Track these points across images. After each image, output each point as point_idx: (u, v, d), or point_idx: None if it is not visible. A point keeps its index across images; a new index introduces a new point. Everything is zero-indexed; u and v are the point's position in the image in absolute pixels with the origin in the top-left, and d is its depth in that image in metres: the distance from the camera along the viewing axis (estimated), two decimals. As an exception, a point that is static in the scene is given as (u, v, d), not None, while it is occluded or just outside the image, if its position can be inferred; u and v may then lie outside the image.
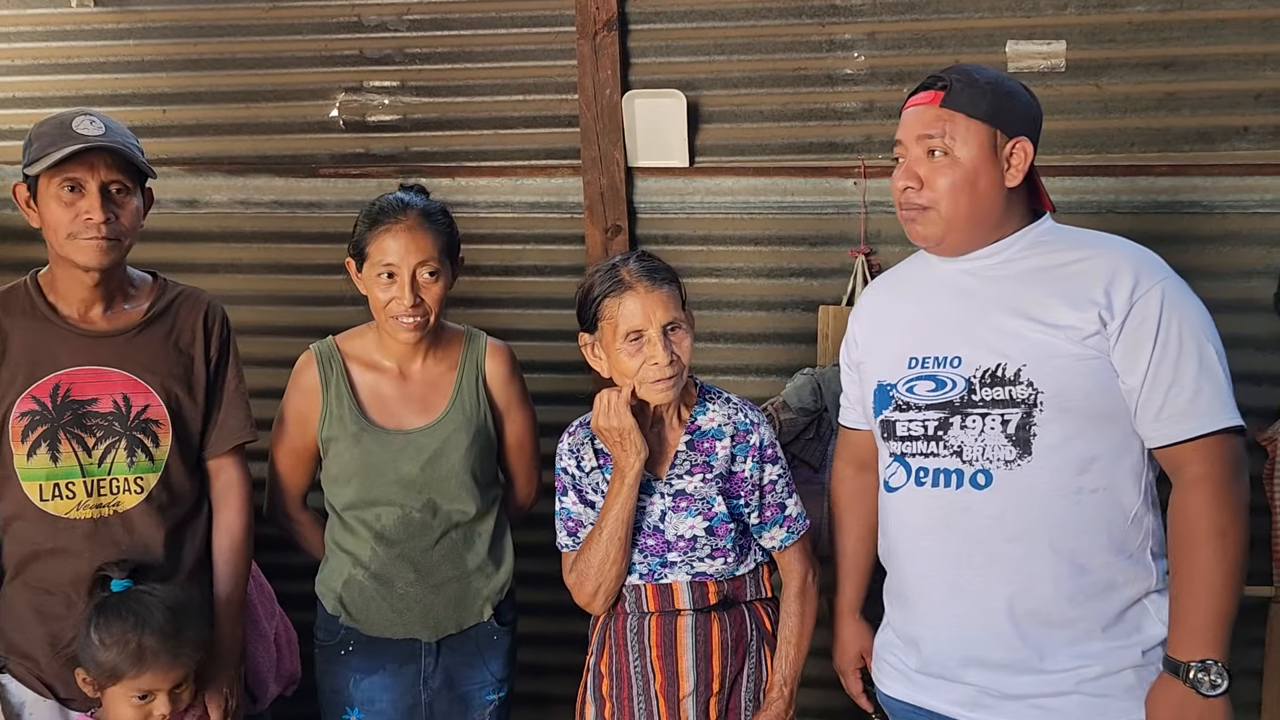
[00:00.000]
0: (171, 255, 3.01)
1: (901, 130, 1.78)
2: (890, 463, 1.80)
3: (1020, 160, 1.72)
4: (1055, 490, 1.65)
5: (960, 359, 1.71)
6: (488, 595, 2.15)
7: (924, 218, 1.74)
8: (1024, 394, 1.65)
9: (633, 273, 1.83)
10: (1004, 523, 1.67)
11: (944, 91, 1.72)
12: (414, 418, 2.11)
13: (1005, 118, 1.71)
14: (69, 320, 1.93)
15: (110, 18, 2.99)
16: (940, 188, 1.71)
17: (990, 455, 1.67)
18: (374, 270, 2.04)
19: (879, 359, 1.84)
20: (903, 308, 1.84)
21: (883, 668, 1.90)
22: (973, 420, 1.68)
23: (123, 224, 1.89)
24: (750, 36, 2.78)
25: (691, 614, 1.88)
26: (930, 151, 1.72)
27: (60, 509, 1.90)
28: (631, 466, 1.83)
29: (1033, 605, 1.67)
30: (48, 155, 1.82)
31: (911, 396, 1.75)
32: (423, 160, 2.96)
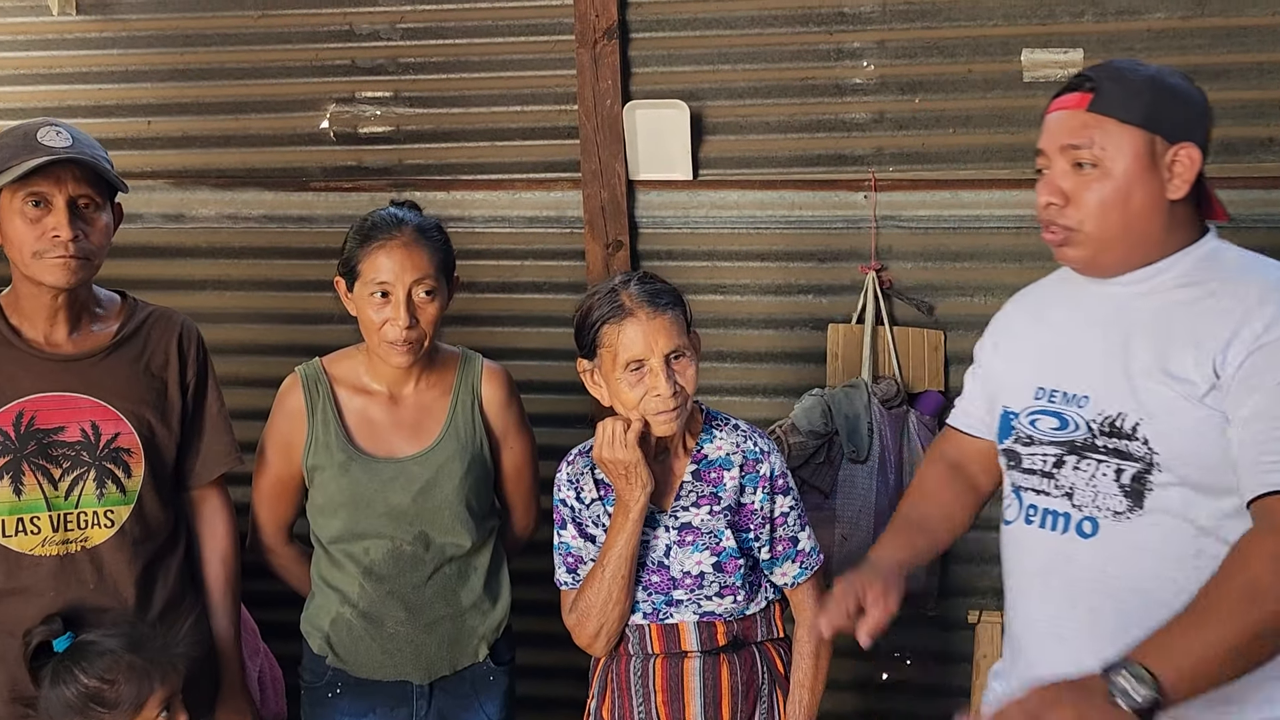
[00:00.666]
0: (157, 271, 2.94)
1: (1044, 138, 1.59)
2: (1009, 494, 1.67)
3: (1185, 169, 1.52)
4: (1168, 551, 1.50)
5: (1088, 398, 1.56)
6: (483, 634, 2.05)
7: (1070, 239, 1.55)
8: (1139, 451, 1.50)
9: (633, 297, 1.73)
10: (1107, 576, 1.53)
11: (1092, 93, 1.53)
12: (405, 445, 2.01)
13: (1165, 121, 1.51)
14: (33, 344, 1.84)
15: (93, 26, 2.92)
16: (1088, 205, 1.52)
17: (1100, 503, 1.54)
18: (366, 289, 1.94)
19: (1008, 382, 1.69)
20: (1040, 328, 1.69)
21: (990, 698, 1.75)
22: (1088, 463, 1.54)
23: (92, 242, 1.80)
24: (755, 45, 2.70)
25: (699, 656, 1.79)
26: (1077, 164, 1.53)
27: (24, 545, 1.81)
28: (636, 501, 1.73)
29: None
30: (10, 168, 1.73)
31: (1034, 431, 1.62)
32: (417, 173, 2.88)
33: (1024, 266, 2.65)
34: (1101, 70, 1.57)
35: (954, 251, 2.67)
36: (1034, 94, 2.61)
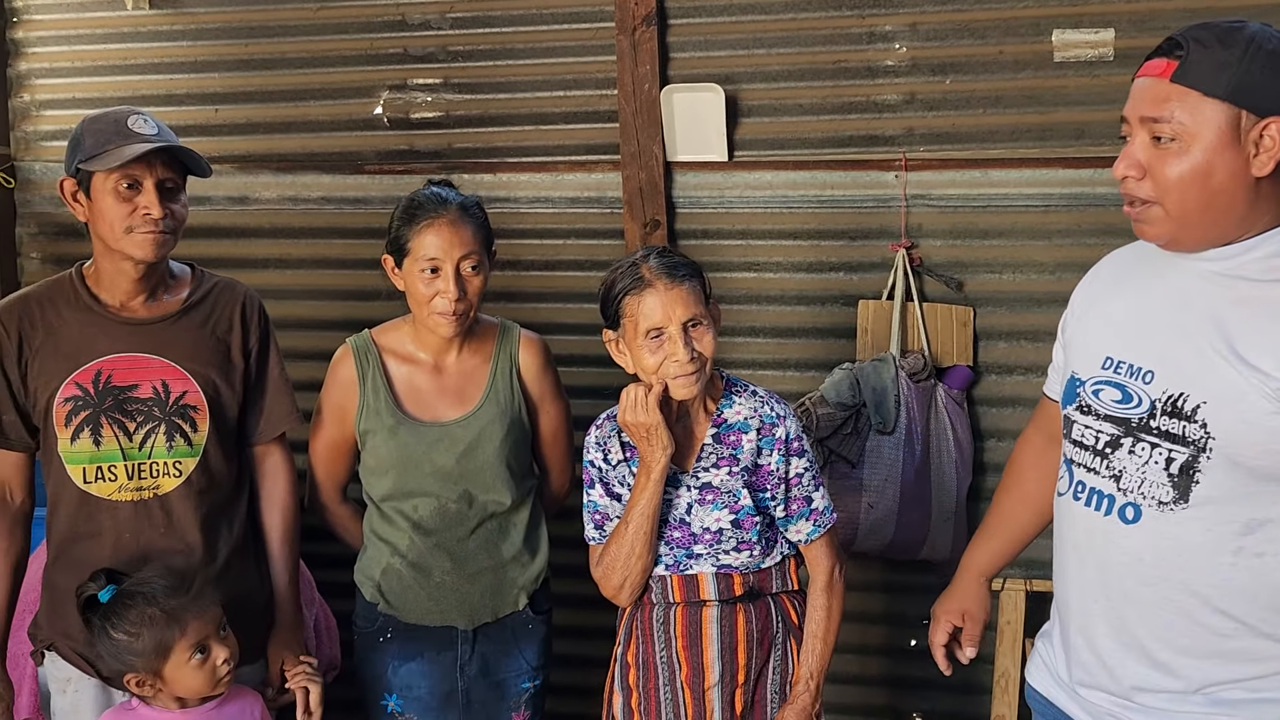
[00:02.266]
0: (223, 250, 3.08)
1: (1128, 106, 1.51)
2: (1062, 464, 1.67)
3: (1273, 144, 1.42)
4: (1210, 545, 1.48)
5: (1153, 374, 1.52)
6: (523, 585, 2.18)
7: (1148, 214, 1.49)
8: (1195, 434, 1.46)
9: (653, 270, 1.83)
10: (1143, 564, 1.53)
11: (1178, 61, 1.44)
12: (449, 410, 2.14)
13: (1255, 93, 1.41)
14: (110, 309, 2.00)
15: (165, 20, 3.08)
16: (1167, 179, 1.45)
17: (1146, 491, 1.51)
18: (416, 266, 2.06)
19: (1080, 346, 1.66)
20: (1115, 298, 1.64)
21: (1035, 659, 1.80)
22: (1142, 448, 1.52)
23: (176, 219, 1.96)
24: (789, 30, 2.77)
25: (717, 605, 1.89)
26: (1156, 136, 1.46)
27: (103, 491, 1.97)
28: (658, 462, 1.83)
29: (1162, 655, 1.54)
30: (107, 152, 1.88)
31: (1095, 401, 1.58)
32: (465, 156, 2.99)
33: (1052, 244, 2.70)
34: (1193, 34, 1.47)
35: (983, 229, 2.72)
36: (1064, 74, 2.65)
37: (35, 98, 3.20)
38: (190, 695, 1.90)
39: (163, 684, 1.88)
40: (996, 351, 2.75)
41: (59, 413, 1.95)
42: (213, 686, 1.89)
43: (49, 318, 1.98)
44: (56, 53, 3.17)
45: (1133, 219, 1.54)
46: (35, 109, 3.21)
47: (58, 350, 1.96)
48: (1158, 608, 1.53)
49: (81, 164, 1.91)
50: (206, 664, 1.87)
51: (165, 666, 1.86)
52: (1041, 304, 2.70)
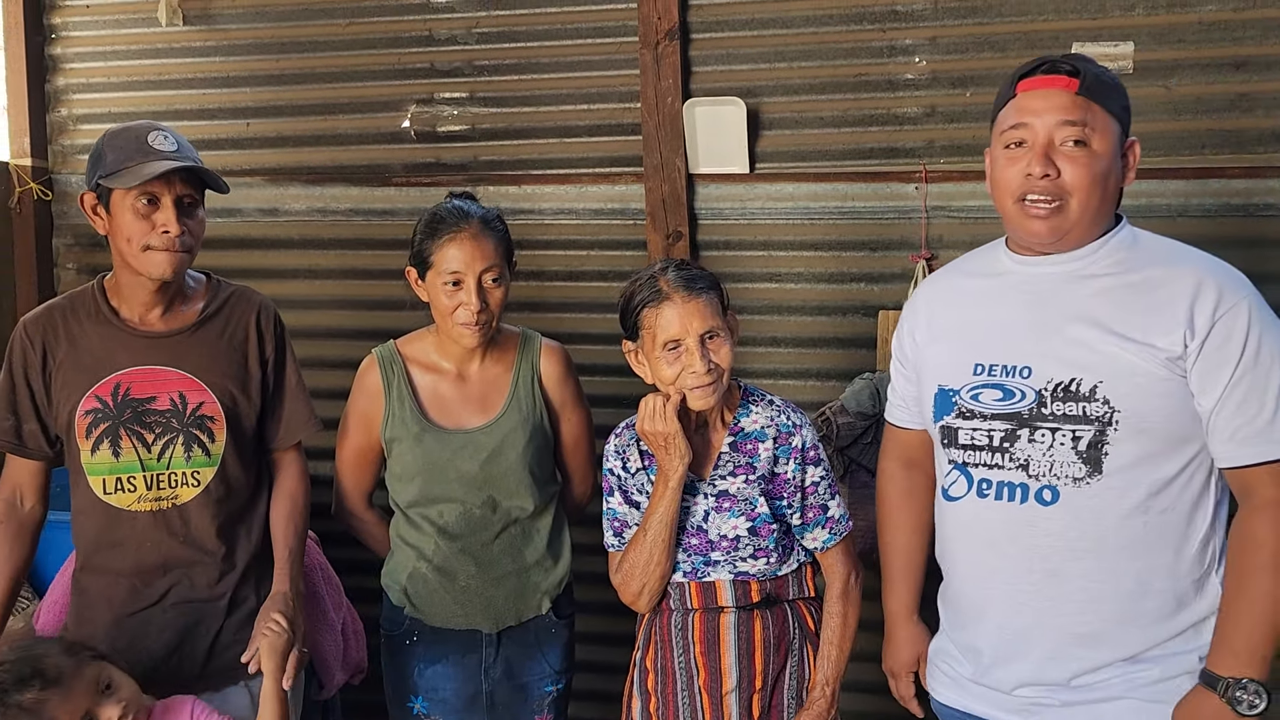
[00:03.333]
0: (253, 261, 3.15)
1: (1026, 113, 1.63)
2: (950, 471, 1.74)
3: (1134, 160, 1.67)
4: (1123, 510, 1.61)
5: (1030, 369, 1.65)
6: (546, 589, 2.21)
7: (1058, 213, 1.62)
8: (1099, 411, 1.59)
9: (670, 282, 1.86)
10: (1068, 540, 1.63)
11: (1078, 79, 1.61)
12: (473, 417, 2.18)
13: (1125, 116, 1.65)
14: (129, 323, 2.03)
15: (198, 36, 3.15)
16: (1079, 181, 1.60)
17: (1059, 472, 1.62)
18: (440, 278, 2.10)
19: (940, 362, 1.77)
20: (967, 308, 1.76)
21: (935, 674, 1.88)
22: (1042, 435, 1.62)
23: (193, 235, 1.98)
24: (810, 43, 2.80)
25: (734, 611, 1.91)
26: (1074, 140, 1.60)
27: (122, 502, 2.00)
28: (675, 470, 1.86)
29: (1093, 626, 1.64)
30: (127, 170, 1.91)
31: (976, 404, 1.69)
32: (491, 169, 3.04)
33: None
34: (1077, 59, 1.66)
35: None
36: (1084, 87, 2.66)
37: (72, 112, 3.28)
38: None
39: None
40: (1016, 362, 2.76)
41: (80, 425, 1.98)
42: None
43: (72, 330, 2.01)
44: (93, 68, 3.25)
45: (1028, 216, 1.64)
46: (72, 123, 3.29)
47: (79, 363, 2.00)
48: (1084, 580, 1.63)
49: (102, 179, 1.94)
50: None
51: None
52: (1061, 315, 2.71)
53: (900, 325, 1.91)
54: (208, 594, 2.04)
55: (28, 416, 2.02)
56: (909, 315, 1.89)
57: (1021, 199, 1.65)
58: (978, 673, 1.76)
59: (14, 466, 2.05)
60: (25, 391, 2.01)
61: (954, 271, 1.87)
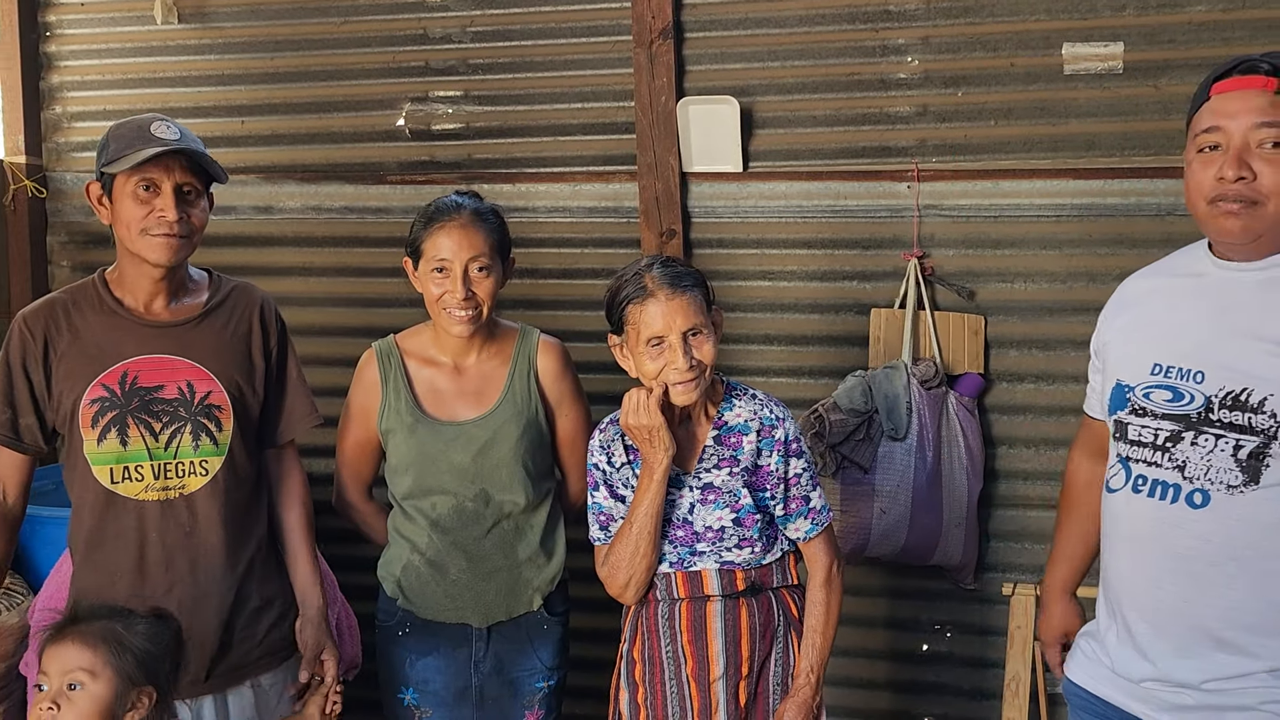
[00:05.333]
0: (247, 259, 3.15)
1: (1219, 115, 1.60)
2: (1115, 463, 1.75)
3: None
4: (1274, 522, 1.57)
5: (1203, 374, 1.62)
6: (538, 585, 2.22)
7: (1251, 212, 1.57)
8: (1265, 424, 1.56)
9: (655, 279, 1.88)
10: (1212, 546, 1.60)
11: (1276, 77, 1.56)
12: (467, 410, 2.20)
13: None
14: (134, 312, 2.04)
15: (193, 34, 3.16)
16: (1275, 183, 1.56)
17: (1214, 477, 1.60)
18: (428, 266, 2.13)
19: (1123, 357, 1.76)
20: (1158, 308, 1.75)
21: (1075, 654, 1.87)
22: (1205, 439, 1.61)
23: (193, 222, 2.00)
24: (804, 43, 2.82)
25: (720, 599, 1.93)
26: (1273, 143, 1.56)
27: (130, 491, 2.00)
28: (660, 463, 1.88)
29: (1229, 633, 1.61)
30: (126, 156, 1.93)
31: (1148, 403, 1.68)
32: (485, 167, 3.05)
33: (1062, 254, 2.73)
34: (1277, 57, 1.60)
35: (994, 239, 2.75)
36: (1075, 86, 2.68)
37: (67, 110, 3.29)
38: None
39: None
40: (1007, 360, 2.78)
41: (85, 414, 1.99)
42: None
43: (74, 321, 2.02)
44: (87, 66, 3.26)
45: (1221, 215, 1.60)
46: (66, 121, 3.30)
47: (84, 353, 2.00)
48: (1225, 588, 1.60)
49: (104, 167, 1.96)
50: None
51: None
52: (1052, 313, 2.73)
53: (1101, 319, 1.88)
54: (211, 591, 2.03)
55: (25, 410, 2.02)
56: (1109, 310, 1.87)
57: (1214, 201, 1.61)
58: (1111, 661, 1.75)
59: (1, 460, 2.05)
60: (24, 384, 2.01)
61: (1157, 269, 1.84)
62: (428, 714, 2.22)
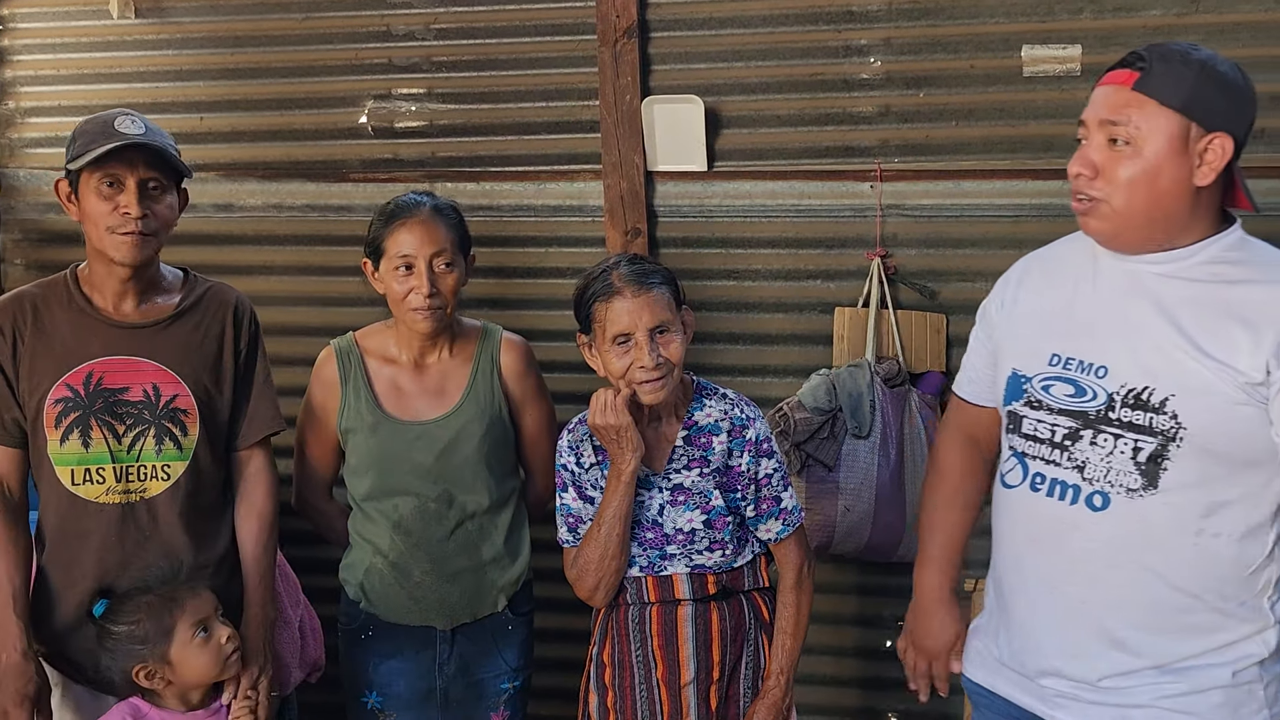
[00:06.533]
0: (207, 258, 3.10)
1: (1087, 110, 1.61)
2: (1010, 458, 1.72)
3: (1215, 158, 1.54)
4: (1173, 528, 1.57)
5: (1106, 369, 1.60)
6: (502, 586, 2.22)
7: (1095, 210, 1.59)
8: (1165, 425, 1.54)
9: (622, 276, 1.88)
10: (1111, 548, 1.60)
11: (1140, 73, 1.55)
12: (429, 409, 2.18)
13: (1205, 108, 1.53)
14: (103, 312, 2.02)
15: (150, 29, 3.11)
16: (1117, 180, 1.55)
17: (1113, 479, 1.59)
18: (391, 264, 2.12)
19: (1019, 344, 1.72)
20: (1056, 294, 1.71)
21: (970, 652, 1.85)
22: (1104, 439, 1.59)
23: (158, 219, 1.97)
24: (768, 43, 2.82)
25: (691, 604, 1.94)
26: (1112, 139, 1.56)
27: (90, 493, 1.98)
28: (628, 464, 1.88)
29: (1124, 634, 1.62)
30: (89, 151, 1.91)
31: (1046, 396, 1.65)
32: (449, 165, 3.03)
33: (1023, 253, 2.63)
34: (1155, 51, 1.58)
35: (956, 239, 2.78)
36: (1034, 88, 2.71)
37: (20, 105, 3.23)
38: (200, 678, 1.92)
39: (171, 671, 1.90)
40: (969, 358, 2.81)
41: (49, 414, 1.96)
42: (220, 668, 1.91)
43: (42, 317, 1.99)
44: (42, 60, 3.20)
45: (1079, 214, 1.63)
46: (20, 116, 3.23)
47: (50, 350, 1.98)
48: (1121, 588, 1.61)
49: (69, 164, 1.94)
50: (210, 643, 1.90)
51: (171, 649, 1.89)
52: (1012, 312, 2.76)
53: (990, 297, 1.84)
54: None
55: (6, 404, 1.99)
56: (1001, 287, 1.83)
57: (1074, 195, 1.63)
58: (1008, 657, 1.75)
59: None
60: (1, 379, 1.99)
61: (1051, 253, 1.80)
62: (391, 717, 2.21)
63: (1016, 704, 1.75)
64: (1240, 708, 1.60)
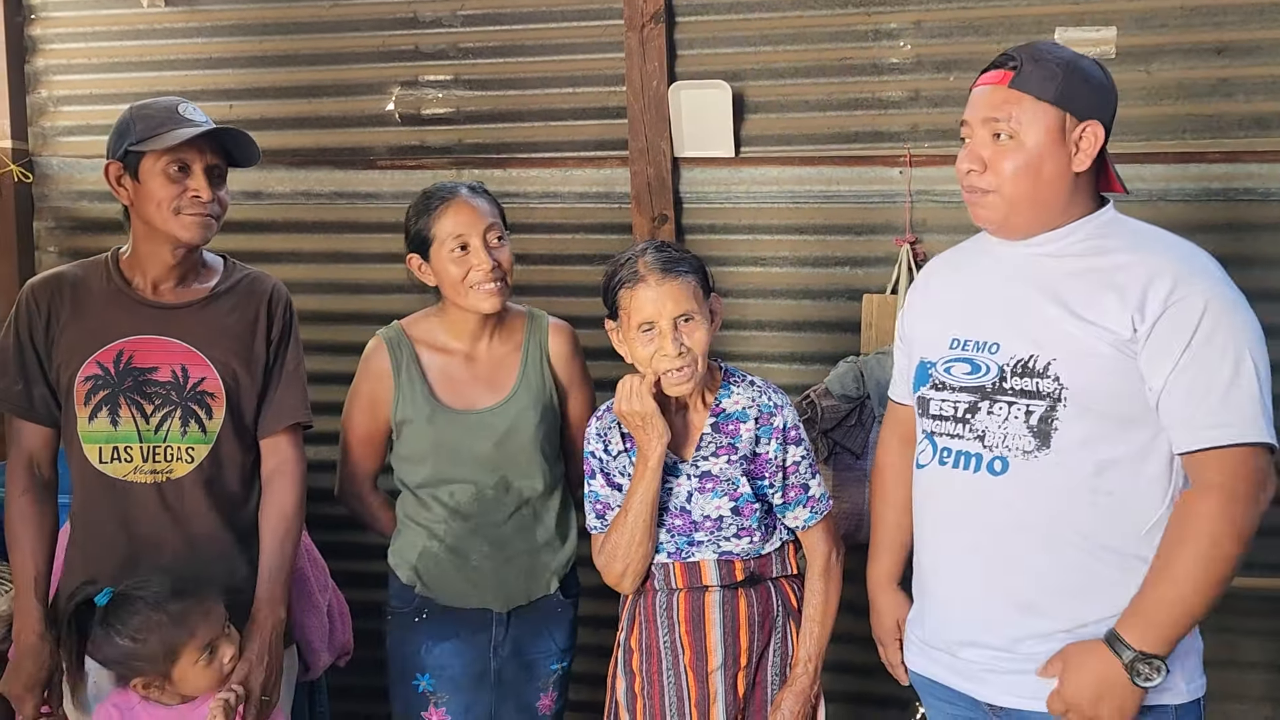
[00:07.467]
0: (237, 244, 3.09)
1: (968, 110, 1.74)
2: (922, 439, 1.82)
3: (1089, 144, 1.67)
4: (1070, 487, 1.65)
5: (998, 345, 1.72)
6: (554, 569, 2.22)
7: (986, 201, 1.72)
8: (1049, 388, 1.65)
9: (648, 264, 1.88)
10: (1014, 511, 1.68)
11: (1013, 72, 1.68)
12: (484, 398, 2.18)
13: (1075, 100, 1.66)
14: (139, 292, 2.03)
15: (180, 17, 3.13)
16: (1004, 172, 1.68)
17: (1010, 444, 1.68)
18: (445, 248, 2.11)
19: (926, 336, 1.85)
20: (956, 287, 1.85)
21: (906, 641, 1.92)
22: (999, 407, 1.69)
23: (221, 205, 2.01)
24: (796, 27, 2.81)
25: (719, 590, 1.93)
26: (996, 134, 1.69)
27: (118, 471, 1.99)
28: (654, 450, 1.87)
29: (1033, 596, 1.68)
30: (159, 135, 1.93)
31: (948, 377, 1.76)
32: (475, 152, 3.03)
33: None
34: (1024, 51, 1.71)
35: (986, 225, 2.76)
36: (1067, 71, 2.68)
37: (53, 93, 3.25)
38: (196, 694, 1.90)
39: (170, 685, 1.89)
40: (999, 345, 2.78)
41: (79, 391, 1.98)
42: (219, 683, 1.90)
43: (79, 295, 2.01)
44: (73, 49, 3.22)
45: (971, 205, 1.76)
46: (53, 105, 3.26)
47: (82, 328, 1.99)
48: (1030, 551, 1.68)
49: (132, 147, 1.95)
50: (214, 663, 1.89)
51: (174, 669, 1.87)
52: (1044, 298, 2.73)
53: (905, 302, 2.00)
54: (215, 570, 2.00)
55: (36, 380, 2.01)
56: (910, 294, 2.00)
57: (965, 189, 1.76)
58: (927, 635, 1.82)
59: (26, 433, 2.04)
60: (32, 355, 2.01)
61: (953, 254, 1.95)
62: (443, 699, 2.21)
63: (945, 684, 1.80)
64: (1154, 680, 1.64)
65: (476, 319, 2.18)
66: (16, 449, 2.04)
